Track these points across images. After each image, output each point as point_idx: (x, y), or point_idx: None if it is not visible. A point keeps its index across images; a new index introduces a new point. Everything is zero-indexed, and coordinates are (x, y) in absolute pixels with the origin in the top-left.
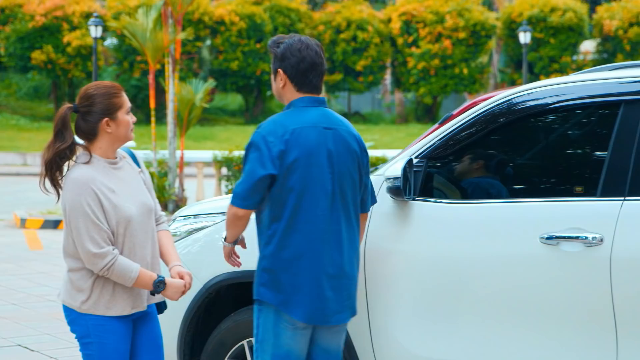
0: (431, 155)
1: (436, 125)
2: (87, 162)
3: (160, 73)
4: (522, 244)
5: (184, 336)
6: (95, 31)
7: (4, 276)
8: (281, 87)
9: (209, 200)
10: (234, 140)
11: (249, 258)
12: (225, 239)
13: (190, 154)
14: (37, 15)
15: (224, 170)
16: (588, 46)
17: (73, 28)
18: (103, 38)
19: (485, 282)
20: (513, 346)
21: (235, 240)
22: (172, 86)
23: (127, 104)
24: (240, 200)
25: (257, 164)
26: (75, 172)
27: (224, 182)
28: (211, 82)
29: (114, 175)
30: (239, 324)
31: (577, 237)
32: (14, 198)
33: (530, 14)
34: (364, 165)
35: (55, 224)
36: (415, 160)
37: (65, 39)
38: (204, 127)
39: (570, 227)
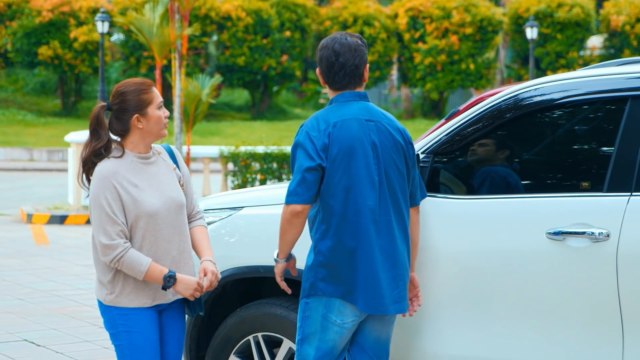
0: (438, 151)
1: (443, 120)
2: (118, 157)
3: (167, 68)
4: (529, 239)
5: (190, 331)
6: (102, 27)
7: (10, 271)
8: (324, 85)
9: (215, 195)
10: (240, 136)
11: (256, 253)
12: (277, 256)
13: (197, 150)
14: (44, 10)
15: (230, 166)
16: (595, 42)
17: (80, 24)
18: (110, 33)
19: (491, 277)
20: (518, 341)
21: (287, 256)
22: (178, 82)
23: (158, 99)
24: (295, 196)
25: (304, 158)
26: (100, 166)
27: (230, 178)
28: (218, 78)
29: (143, 170)
30: (245, 320)
31: (583, 233)
32: (21, 193)
33: (537, 10)
34: (410, 157)
35: (61, 220)
36: (421, 156)
37: (72, 35)
38: (210, 123)
39: (576, 223)
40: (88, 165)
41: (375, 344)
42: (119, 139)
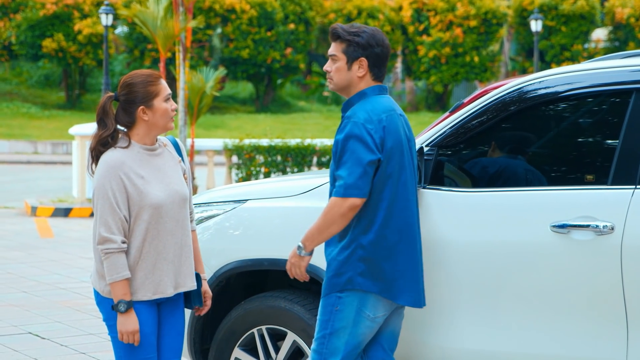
0: (442, 144)
1: (447, 113)
2: (124, 147)
3: (171, 61)
4: (533, 232)
5: (194, 324)
6: (106, 19)
7: (15, 264)
8: (360, 75)
9: (219, 188)
10: (245, 129)
11: (260, 246)
12: (303, 248)
13: (201, 142)
14: (48, 3)
15: (235, 159)
16: (600, 34)
17: (84, 16)
18: (114, 26)
19: (495, 270)
20: (521, 334)
21: (312, 250)
22: (182, 74)
23: (165, 91)
24: (356, 189)
25: (363, 150)
26: (106, 156)
27: (234, 171)
28: (222, 71)
29: (149, 162)
30: (249, 313)
31: (588, 226)
32: (25, 186)
33: (541, 2)
34: (414, 153)
35: (66, 212)
36: (425, 149)
37: (76, 27)
38: (214, 116)
39: (581, 216)
40: (95, 154)
41: (391, 336)
42: (125, 129)
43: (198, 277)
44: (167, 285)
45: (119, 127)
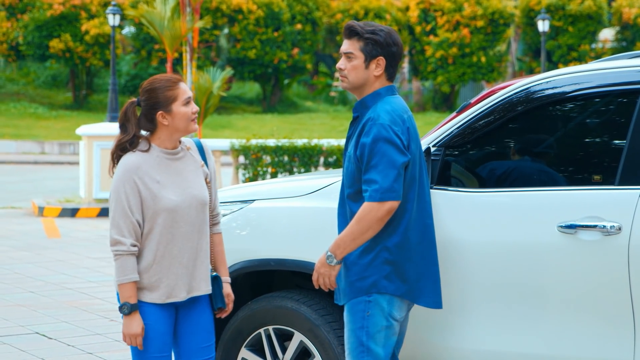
0: (449, 144)
1: (454, 113)
2: (144, 151)
3: (178, 61)
4: (540, 232)
5: None
6: (113, 19)
7: (22, 264)
8: (377, 74)
9: (226, 188)
10: (251, 129)
11: (267, 246)
12: (334, 256)
13: (208, 143)
14: (55, 3)
15: (241, 159)
16: (607, 34)
17: (91, 16)
18: (121, 26)
19: (502, 271)
20: (528, 333)
21: (342, 259)
22: (189, 74)
23: (184, 95)
24: (393, 192)
25: (395, 153)
26: (124, 159)
27: (241, 171)
28: (229, 71)
29: (168, 166)
30: (256, 313)
31: (595, 226)
32: (32, 186)
33: (548, 2)
34: None
35: (73, 212)
36: (432, 149)
37: (84, 28)
38: (221, 116)
39: (588, 216)
40: (114, 158)
41: (401, 336)
42: (147, 134)
43: (219, 280)
44: (180, 289)
45: (142, 132)
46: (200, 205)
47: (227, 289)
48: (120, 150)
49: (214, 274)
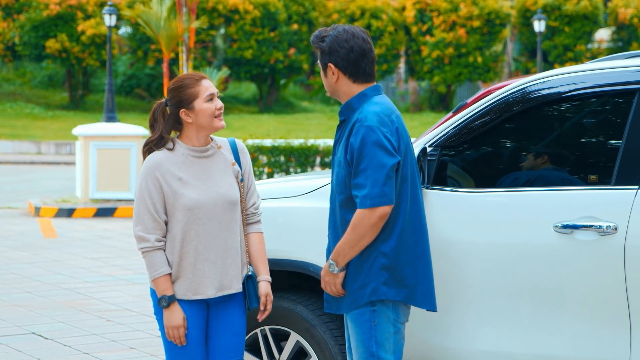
0: (445, 144)
1: (450, 113)
2: (169, 150)
3: (175, 62)
4: (536, 232)
5: None
6: (109, 20)
7: (18, 264)
8: (334, 81)
9: None
10: (248, 129)
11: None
12: (335, 264)
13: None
14: (51, 4)
15: None
16: (603, 34)
17: (87, 17)
18: (117, 27)
19: (497, 271)
20: (523, 333)
21: (345, 265)
22: None
23: (206, 92)
24: (384, 197)
25: (384, 155)
26: (148, 157)
27: None
28: (225, 71)
29: (193, 163)
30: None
31: (591, 226)
32: (29, 186)
33: (544, 2)
34: None
35: (69, 213)
36: (429, 149)
37: (80, 28)
38: None
39: (584, 216)
40: (144, 157)
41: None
42: (177, 133)
43: (253, 279)
44: (207, 286)
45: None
46: (227, 204)
47: (265, 288)
48: (147, 150)
49: (249, 273)
